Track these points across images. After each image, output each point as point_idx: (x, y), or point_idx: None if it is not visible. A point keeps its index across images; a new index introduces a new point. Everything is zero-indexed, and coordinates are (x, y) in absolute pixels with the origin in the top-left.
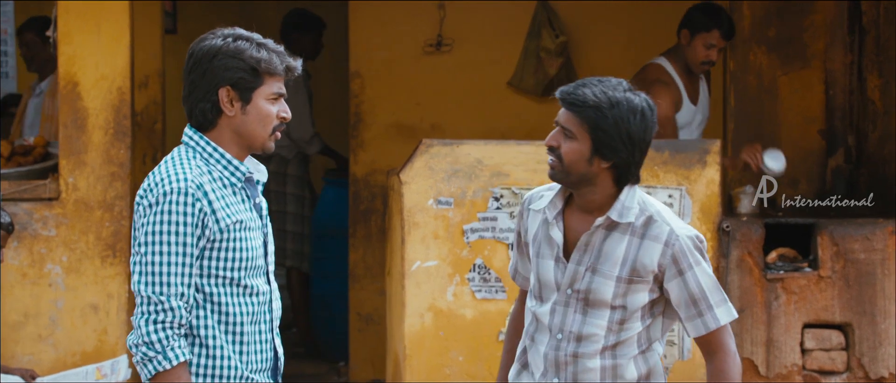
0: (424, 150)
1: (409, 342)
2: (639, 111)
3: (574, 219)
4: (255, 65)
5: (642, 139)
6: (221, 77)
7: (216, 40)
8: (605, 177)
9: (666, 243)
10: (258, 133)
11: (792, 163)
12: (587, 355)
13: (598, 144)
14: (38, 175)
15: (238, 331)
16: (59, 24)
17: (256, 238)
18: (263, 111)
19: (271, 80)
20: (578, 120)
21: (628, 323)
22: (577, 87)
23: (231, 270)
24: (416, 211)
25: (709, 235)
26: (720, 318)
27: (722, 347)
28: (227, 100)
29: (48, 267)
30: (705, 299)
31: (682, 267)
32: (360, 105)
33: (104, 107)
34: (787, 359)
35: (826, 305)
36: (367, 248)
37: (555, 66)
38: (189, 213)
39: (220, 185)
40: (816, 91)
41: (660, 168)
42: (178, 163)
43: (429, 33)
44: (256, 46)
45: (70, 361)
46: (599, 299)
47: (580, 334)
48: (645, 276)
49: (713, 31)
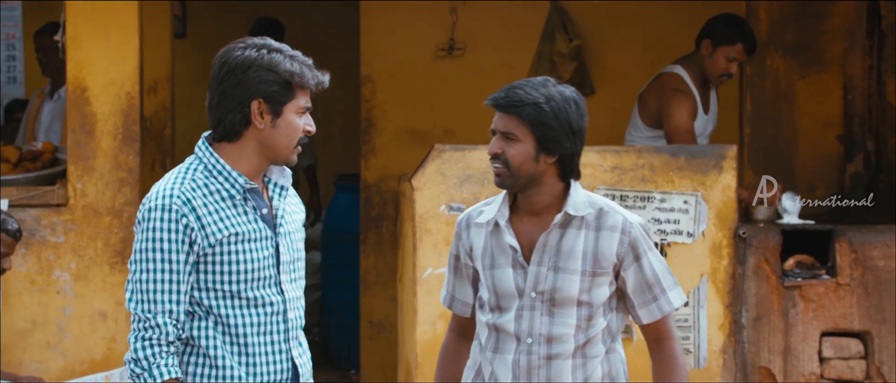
0: (436, 156)
1: (421, 350)
2: (573, 101)
3: (523, 224)
4: (288, 78)
5: (581, 128)
6: (255, 89)
7: (250, 51)
8: (551, 173)
9: (622, 231)
10: (284, 146)
11: (809, 168)
12: (561, 356)
13: (542, 140)
14: (47, 181)
15: (243, 343)
16: (67, 29)
17: (261, 249)
18: (292, 125)
19: (302, 94)
20: (518, 121)
21: (595, 319)
22: (508, 91)
23: (229, 283)
24: (427, 217)
25: (725, 242)
26: (673, 301)
27: (670, 333)
28: (257, 112)
29: (56, 273)
30: (659, 283)
31: (638, 253)
32: (372, 110)
33: (113, 112)
34: (804, 368)
35: (844, 313)
36: (379, 255)
37: (568, 70)
38: (172, 229)
39: (217, 198)
40: (834, 96)
41: (675, 173)
42: (171, 178)
43: (441, 37)
44: (289, 59)
45: (78, 369)
46: (565, 297)
47: (550, 335)
48: (606, 268)
49: (737, 44)
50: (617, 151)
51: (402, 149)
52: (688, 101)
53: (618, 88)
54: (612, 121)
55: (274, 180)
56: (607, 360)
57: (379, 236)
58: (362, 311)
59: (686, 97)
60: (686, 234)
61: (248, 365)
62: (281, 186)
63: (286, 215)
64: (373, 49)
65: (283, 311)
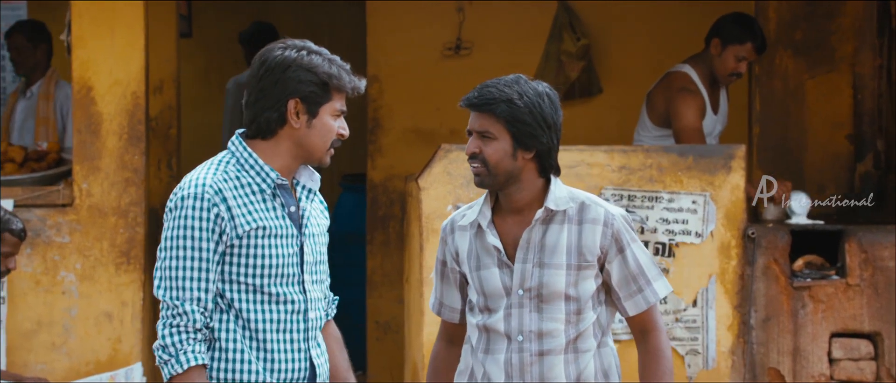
0: (443, 155)
1: (428, 351)
2: (545, 95)
3: (505, 224)
4: (326, 80)
5: (555, 122)
6: (294, 89)
7: (290, 52)
8: (530, 169)
9: (605, 224)
10: (318, 147)
11: (819, 168)
12: (553, 352)
13: (518, 136)
14: (52, 181)
15: (262, 339)
16: (72, 29)
17: (286, 246)
18: (327, 126)
19: (338, 97)
20: (493, 119)
21: (584, 312)
22: (480, 90)
23: (253, 277)
24: (434, 217)
25: (734, 242)
26: (659, 291)
27: (656, 325)
28: (294, 111)
29: (62, 274)
30: (643, 274)
31: (622, 245)
32: (378, 109)
33: (118, 112)
34: (814, 369)
35: (854, 314)
36: (385, 255)
37: (576, 69)
38: (204, 218)
39: (248, 191)
40: (844, 95)
41: (683, 173)
42: (203, 169)
43: (448, 36)
44: (328, 62)
45: (84, 370)
46: (553, 292)
47: (540, 331)
48: (591, 261)
49: (747, 43)
50: (624, 151)
51: (409, 149)
52: (696, 101)
53: (625, 88)
54: (619, 121)
55: (303, 183)
56: (599, 355)
57: (385, 236)
58: (369, 312)
59: (694, 96)
60: (694, 234)
61: (267, 362)
62: (309, 189)
63: (312, 218)
64: (379, 48)
65: (304, 310)
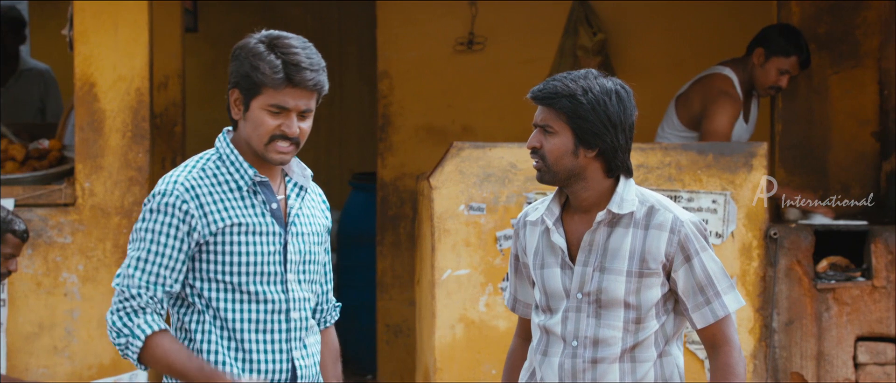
0: (455, 154)
1: (440, 354)
2: (613, 93)
3: (574, 222)
4: (250, 72)
5: (622, 121)
6: (234, 79)
7: (250, 39)
8: (595, 168)
9: (672, 230)
10: (253, 140)
11: (843, 166)
12: (607, 360)
13: (579, 133)
14: (54, 179)
15: (240, 339)
16: (75, 23)
17: (266, 243)
18: (258, 120)
19: (270, 93)
20: (555, 113)
21: (645, 321)
22: (546, 83)
23: (231, 275)
24: (446, 217)
25: (755, 243)
26: (729, 305)
27: (728, 340)
28: (233, 102)
29: (64, 275)
30: (712, 286)
31: (689, 253)
32: (389, 106)
33: (122, 109)
34: (838, 374)
35: (880, 317)
36: (396, 256)
37: (592, 64)
38: (170, 213)
39: (225, 188)
40: (870, 91)
41: (703, 172)
42: (181, 167)
43: (460, 31)
44: (278, 53)
45: (86, 374)
46: (612, 298)
47: (596, 338)
48: (655, 268)
49: (792, 57)
50: (642, 149)
51: (420, 147)
52: (734, 106)
53: (643, 84)
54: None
55: (294, 180)
56: (660, 364)
57: (396, 237)
58: (379, 314)
59: (733, 102)
60: (715, 235)
61: (245, 362)
62: (300, 186)
63: (302, 216)
64: (390, 44)
65: (285, 310)
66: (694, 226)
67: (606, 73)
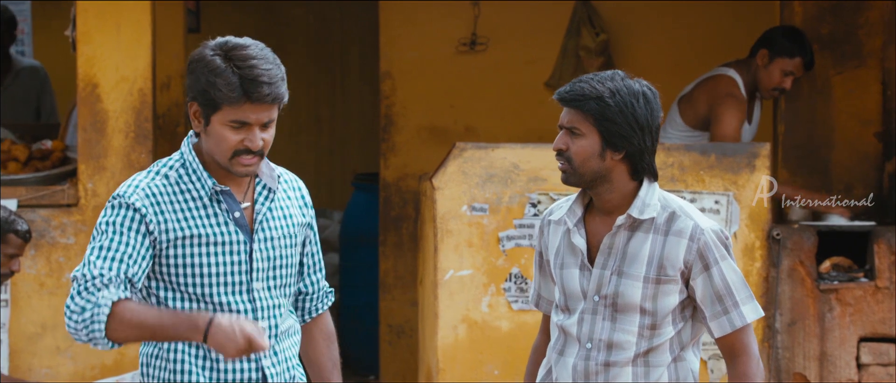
0: (458, 154)
1: (443, 355)
2: (641, 95)
3: (596, 224)
4: (207, 88)
5: (649, 123)
6: (192, 92)
7: (206, 49)
8: (620, 171)
9: (691, 238)
10: (217, 154)
11: (846, 167)
12: (619, 363)
13: (606, 136)
14: (56, 180)
15: (207, 347)
16: (78, 24)
17: (228, 253)
18: (220, 135)
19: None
20: (582, 115)
21: (660, 328)
22: (573, 84)
23: (194, 286)
24: (449, 217)
25: (758, 243)
26: (746, 316)
27: (745, 350)
28: (192, 114)
29: (66, 276)
30: (731, 295)
31: (707, 261)
32: (391, 107)
33: (125, 109)
34: (841, 375)
35: (883, 318)
36: (399, 257)
37: (595, 65)
38: (125, 216)
39: (186, 197)
40: (873, 91)
41: (706, 172)
42: (145, 172)
43: (463, 32)
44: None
45: (89, 375)
46: (628, 303)
47: (610, 341)
48: (672, 275)
49: (796, 58)
50: None
51: (423, 148)
52: (741, 108)
53: None
54: None
55: (263, 182)
56: (675, 368)
57: (398, 237)
58: (381, 315)
59: (740, 104)
60: None
61: (212, 371)
62: (268, 188)
63: (271, 220)
64: (392, 44)
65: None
66: (715, 235)
67: (632, 75)
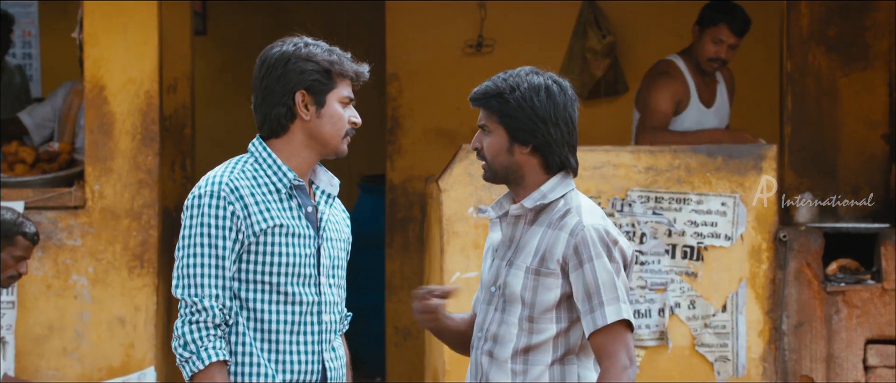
0: (464, 156)
1: (449, 356)
2: (542, 88)
3: None
4: (328, 66)
5: (553, 116)
6: (297, 80)
7: (287, 46)
8: (532, 165)
9: (571, 233)
10: (331, 136)
11: (853, 169)
12: (499, 357)
13: (511, 131)
14: (64, 182)
15: (274, 340)
16: (84, 26)
17: (303, 245)
18: (336, 114)
19: (343, 83)
20: (488, 113)
21: (538, 323)
22: (482, 84)
23: (269, 275)
24: (455, 219)
25: (765, 245)
26: (608, 316)
27: (609, 355)
28: (302, 103)
29: (73, 278)
30: (598, 294)
31: (581, 258)
32: (398, 109)
33: (131, 111)
34: (848, 377)
35: (890, 320)
36: (405, 258)
37: (601, 67)
38: (220, 216)
39: (266, 191)
40: (880, 93)
41: (712, 174)
42: (221, 167)
43: (469, 34)
44: (327, 51)
45: (96, 376)
46: (512, 293)
47: (496, 333)
48: (553, 269)
49: (721, 25)
50: (651, 152)
51: (429, 150)
52: (670, 86)
53: None
54: None
55: (322, 187)
56: (559, 371)
57: (405, 239)
58: (388, 317)
59: (669, 81)
60: (724, 237)
61: (278, 363)
62: (328, 194)
63: (331, 223)
64: (399, 46)
65: (317, 312)
66: (595, 232)
67: (544, 69)
